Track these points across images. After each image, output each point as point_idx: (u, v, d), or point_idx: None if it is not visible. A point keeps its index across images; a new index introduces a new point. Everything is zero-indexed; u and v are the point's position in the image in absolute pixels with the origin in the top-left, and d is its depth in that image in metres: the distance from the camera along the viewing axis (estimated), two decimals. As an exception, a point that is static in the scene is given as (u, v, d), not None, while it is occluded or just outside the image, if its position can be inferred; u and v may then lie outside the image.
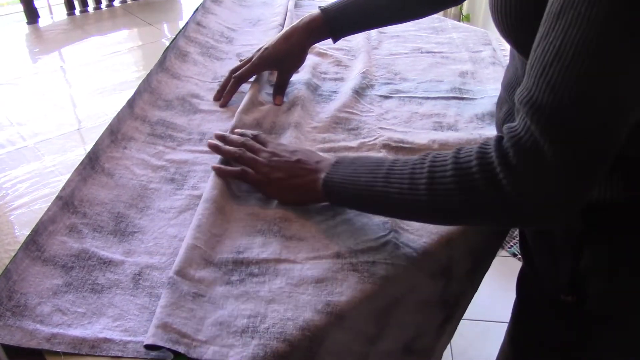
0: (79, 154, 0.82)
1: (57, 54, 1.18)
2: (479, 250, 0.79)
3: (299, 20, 0.96)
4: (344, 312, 0.59)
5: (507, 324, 0.86)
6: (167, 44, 1.10)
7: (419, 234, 0.69)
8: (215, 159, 0.78)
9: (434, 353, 0.88)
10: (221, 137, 0.80)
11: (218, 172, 0.74)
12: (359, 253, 0.65)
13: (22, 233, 0.68)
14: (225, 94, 0.96)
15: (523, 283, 0.76)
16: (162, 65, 1.03)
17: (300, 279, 0.62)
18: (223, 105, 0.95)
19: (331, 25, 0.94)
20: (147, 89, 0.95)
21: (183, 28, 1.16)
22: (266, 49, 0.96)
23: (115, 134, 0.83)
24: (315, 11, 0.95)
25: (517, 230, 0.88)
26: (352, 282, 0.62)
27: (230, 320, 0.57)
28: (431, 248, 0.68)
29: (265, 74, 1.01)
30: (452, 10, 2.67)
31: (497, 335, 1.34)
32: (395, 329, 0.72)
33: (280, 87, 0.97)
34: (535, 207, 0.53)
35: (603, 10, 0.45)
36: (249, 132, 0.80)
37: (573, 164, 0.50)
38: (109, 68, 1.10)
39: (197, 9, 1.26)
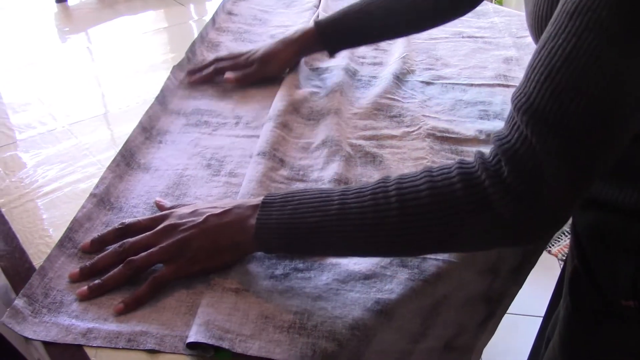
0: (110, 139, 0.79)
1: (86, 34, 1.15)
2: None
3: (292, 32, 0.92)
4: (394, 310, 0.56)
5: (539, 318, 0.81)
6: (194, 26, 1.05)
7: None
8: (254, 144, 0.75)
9: (474, 350, 0.84)
10: (87, 271, 0.57)
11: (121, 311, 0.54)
12: (408, 248, 0.62)
13: (54, 218, 0.65)
14: (200, 76, 0.92)
15: (575, 287, 0.71)
16: (192, 61, 0.98)
17: (348, 274, 0.58)
18: (192, 82, 0.92)
19: (325, 40, 0.89)
20: (179, 86, 0.92)
21: (212, 19, 1.12)
22: (255, 51, 0.92)
23: (149, 131, 0.80)
24: (308, 26, 0.91)
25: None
26: (402, 278, 0.58)
27: (276, 314, 0.54)
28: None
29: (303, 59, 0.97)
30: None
31: (526, 328, 1.30)
32: (440, 327, 0.68)
33: (248, 77, 0.91)
34: (530, 226, 0.49)
35: (626, 17, 0.40)
36: (113, 227, 0.61)
37: (574, 178, 0.47)
38: (138, 49, 1.07)
39: None
